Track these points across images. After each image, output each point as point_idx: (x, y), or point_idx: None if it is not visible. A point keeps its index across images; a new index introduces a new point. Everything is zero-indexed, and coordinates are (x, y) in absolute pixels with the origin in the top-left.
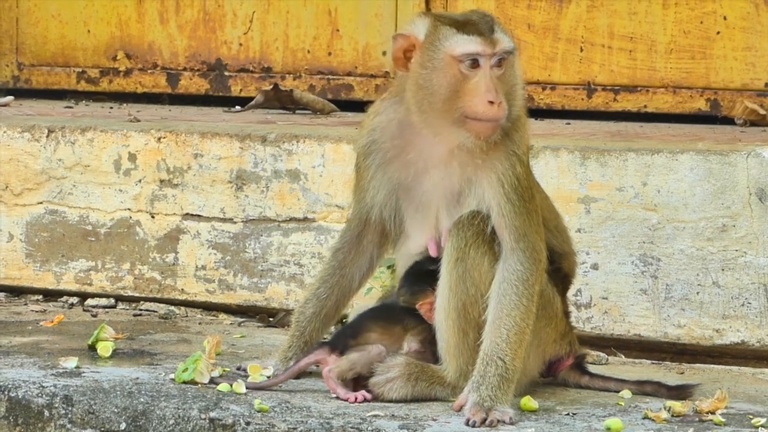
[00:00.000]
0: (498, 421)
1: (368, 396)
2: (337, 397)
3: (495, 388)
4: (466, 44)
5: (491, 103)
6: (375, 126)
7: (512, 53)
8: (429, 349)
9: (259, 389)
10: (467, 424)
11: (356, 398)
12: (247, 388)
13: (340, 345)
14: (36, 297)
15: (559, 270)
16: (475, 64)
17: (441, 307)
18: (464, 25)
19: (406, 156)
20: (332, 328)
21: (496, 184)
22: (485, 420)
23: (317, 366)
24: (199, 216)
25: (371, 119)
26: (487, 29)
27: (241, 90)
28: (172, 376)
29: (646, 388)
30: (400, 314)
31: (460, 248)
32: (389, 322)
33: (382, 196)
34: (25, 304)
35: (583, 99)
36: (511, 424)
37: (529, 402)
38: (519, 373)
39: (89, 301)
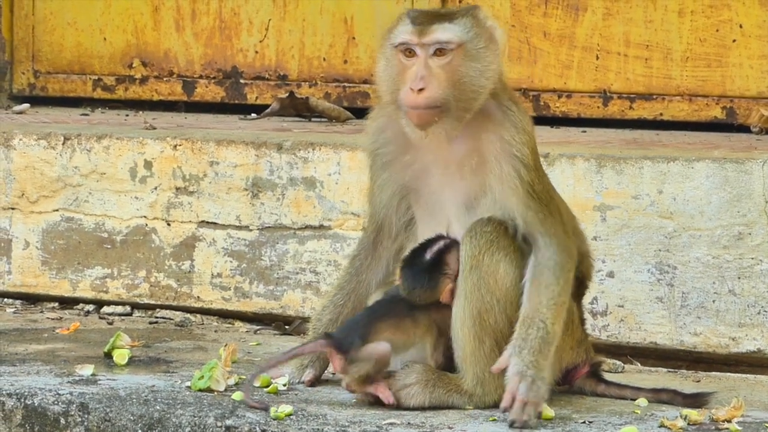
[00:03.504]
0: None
1: (392, 400)
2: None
3: (536, 352)
4: (400, 33)
5: (413, 90)
6: (375, 128)
7: (450, 44)
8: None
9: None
10: (512, 426)
11: (387, 399)
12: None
13: (346, 346)
14: (52, 304)
15: (576, 277)
16: (410, 53)
17: (456, 316)
18: (416, 15)
19: (404, 157)
20: None
21: (509, 193)
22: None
23: (333, 374)
24: (215, 223)
25: (372, 123)
26: (430, 19)
27: (256, 98)
28: (188, 383)
29: (662, 396)
30: (405, 308)
31: (474, 256)
32: (398, 318)
33: (387, 196)
34: (41, 312)
35: (599, 107)
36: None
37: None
38: (558, 339)
39: (105, 309)
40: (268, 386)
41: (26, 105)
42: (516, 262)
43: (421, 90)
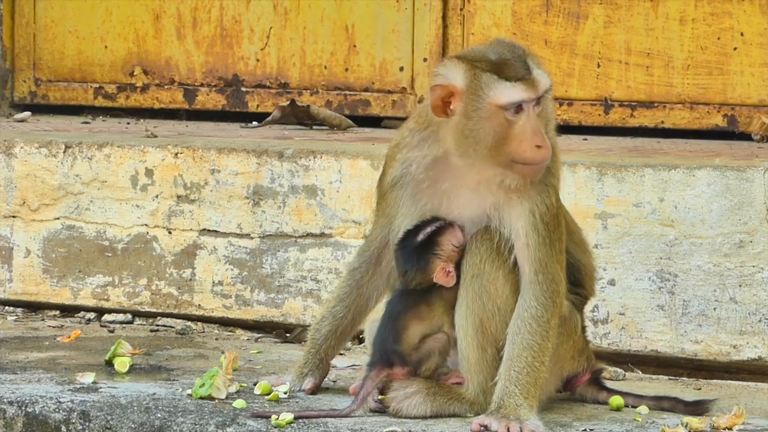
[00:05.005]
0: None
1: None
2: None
3: (514, 413)
4: (511, 93)
5: (538, 147)
6: (408, 159)
7: (549, 90)
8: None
9: (311, 417)
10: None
11: None
12: (296, 418)
13: (394, 356)
14: (53, 312)
15: (580, 294)
16: (519, 109)
17: (459, 325)
18: (502, 68)
19: (440, 187)
20: (348, 344)
21: (527, 214)
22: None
23: (334, 382)
24: (216, 231)
25: (404, 153)
26: (524, 70)
27: (258, 106)
28: (189, 391)
29: (663, 404)
30: (416, 296)
31: (476, 264)
32: (415, 309)
33: (407, 223)
34: (42, 320)
35: (600, 115)
36: None
37: None
38: (535, 408)
39: (106, 317)
40: (269, 394)
41: (27, 113)
42: (514, 269)
43: (544, 145)
